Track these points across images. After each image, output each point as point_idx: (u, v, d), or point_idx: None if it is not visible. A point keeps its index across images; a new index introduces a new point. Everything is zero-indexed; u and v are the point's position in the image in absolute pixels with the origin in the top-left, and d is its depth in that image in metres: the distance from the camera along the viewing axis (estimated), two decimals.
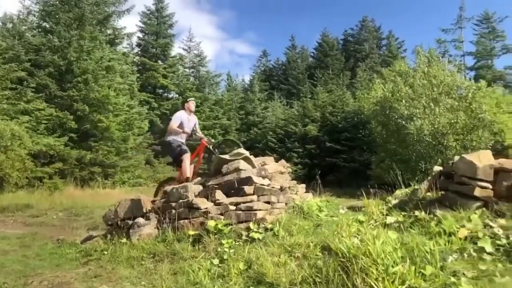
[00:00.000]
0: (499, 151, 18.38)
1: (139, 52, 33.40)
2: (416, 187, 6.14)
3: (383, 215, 5.37)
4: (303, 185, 8.05)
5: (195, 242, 5.21)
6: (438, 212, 4.94)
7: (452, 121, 16.71)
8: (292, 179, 8.01)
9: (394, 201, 6.08)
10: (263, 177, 6.48)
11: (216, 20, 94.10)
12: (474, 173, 5.22)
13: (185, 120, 7.85)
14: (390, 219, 5.11)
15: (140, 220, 6.06)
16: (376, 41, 48.00)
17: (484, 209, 4.98)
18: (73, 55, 18.31)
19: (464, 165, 5.37)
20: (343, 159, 27.28)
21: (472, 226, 4.40)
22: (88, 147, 18.38)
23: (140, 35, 33.30)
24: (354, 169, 26.22)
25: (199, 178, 6.93)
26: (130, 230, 5.95)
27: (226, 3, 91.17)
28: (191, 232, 5.36)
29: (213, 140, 8.42)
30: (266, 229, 5.31)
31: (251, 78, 46.11)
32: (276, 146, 29.30)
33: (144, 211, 6.26)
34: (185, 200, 5.90)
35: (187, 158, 7.52)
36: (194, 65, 36.44)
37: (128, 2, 27.08)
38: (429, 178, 5.93)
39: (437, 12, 71.83)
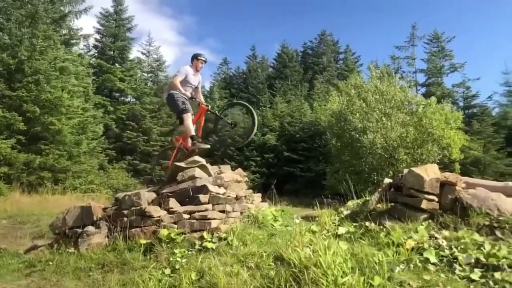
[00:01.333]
0: (446, 165, 19.37)
1: (96, 54, 32.45)
2: (367, 198, 6.33)
3: (335, 225, 5.48)
4: (259, 194, 8.08)
5: (147, 251, 5.08)
6: (388, 224, 5.12)
7: (403, 135, 17.47)
8: (250, 188, 8.03)
9: (346, 212, 6.22)
10: (219, 186, 6.45)
11: (177, 25, 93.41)
12: (422, 186, 5.45)
13: (191, 77, 7.20)
14: (341, 230, 5.23)
15: (90, 228, 5.85)
16: (334, 54, 49.31)
17: (430, 221, 5.20)
18: (24, 54, 17.46)
19: (412, 178, 5.60)
20: (300, 168, 27.72)
21: (418, 238, 4.58)
22: (38, 150, 17.51)
23: (98, 36, 32.40)
24: (310, 179, 26.68)
25: (152, 186, 6.81)
26: (79, 239, 5.72)
27: (187, 9, 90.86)
28: (143, 241, 5.23)
29: (209, 107, 7.46)
30: (220, 239, 5.27)
31: (211, 85, 46.01)
32: (235, 154, 29.29)
33: (95, 219, 6.05)
34: (138, 208, 5.76)
35: (188, 117, 6.94)
36: (153, 69, 35.90)
37: (85, 2, 26.21)
38: (379, 190, 6.13)
39: (392, 29, 75.03)
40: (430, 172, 5.71)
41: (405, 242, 4.42)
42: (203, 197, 5.86)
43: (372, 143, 17.21)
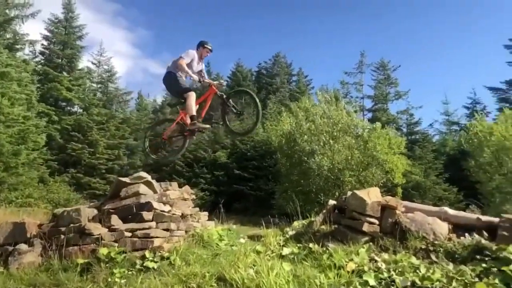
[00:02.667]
0: (389, 189, 20.18)
1: (42, 61, 31.02)
2: (312, 219, 6.43)
3: (280, 246, 5.51)
4: (206, 213, 7.98)
5: (84, 271, 4.84)
6: (331, 246, 5.22)
7: (349, 157, 18.08)
8: (198, 206, 7.92)
9: (291, 232, 6.28)
10: (164, 203, 6.31)
11: (131, 37, 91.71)
12: (364, 209, 5.62)
13: (195, 62, 6.80)
14: (286, 251, 5.26)
15: (22, 246, 5.49)
16: (287, 76, 50.31)
17: (371, 243, 5.36)
18: None
19: (355, 200, 5.77)
20: (249, 187, 27.72)
21: (359, 260, 4.70)
22: None
23: (45, 43, 31.02)
24: (260, 198, 26.75)
25: (96, 201, 6.52)
26: (9, 258, 5.35)
27: (143, 22, 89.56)
28: (80, 261, 4.97)
29: (224, 83, 7.19)
30: (162, 258, 5.13)
31: (164, 99, 45.33)
32: (184, 170, 28.85)
33: (28, 236, 5.69)
34: (77, 224, 5.50)
35: (192, 95, 6.58)
36: (103, 80, 34.85)
37: (33, 6, 25.07)
38: (324, 211, 6.27)
39: (343, 55, 78.13)
40: (372, 196, 5.91)
41: (346, 265, 4.51)
42: (146, 215, 5.70)
43: (319, 166, 17.64)
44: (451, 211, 5.89)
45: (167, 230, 5.81)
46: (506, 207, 17.01)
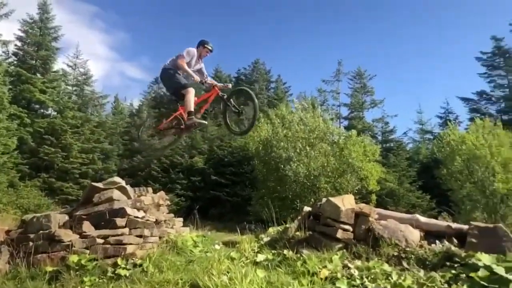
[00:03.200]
0: (364, 196, 20.46)
1: (15, 62, 30.18)
2: (287, 225, 6.45)
3: (254, 252, 5.51)
4: (181, 219, 7.92)
5: (52, 279, 4.71)
6: (305, 252, 5.25)
7: (324, 164, 18.27)
8: (173, 212, 7.85)
9: (266, 239, 6.28)
10: (138, 209, 6.22)
11: (109, 40, 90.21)
12: (338, 216, 5.69)
13: (194, 61, 6.71)
14: (260, 257, 5.26)
15: None
16: (266, 83, 50.56)
17: (344, 250, 5.43)
18: None
19: (329, 207, 5.83)
20: (226, 193, 27.61)
21: (333, 267, 4.74)
22: None
23: (19, 43, 30.23)
24: (236, 204, 26.65)
25: (68, 207, 6.38)
26: None
27: (121, 24, 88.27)
28: (49, 269, 4.85)
29: (230, 86, 7.05)
30: (135, 265, 5.05)
31: (141, 103, 44.79)
32: (160, 176, 28.51)
33: None
34: (46, 231, 5.36)
35: (191, 91, 6.47)
36: (79, 83, 34.21)
37: (7, 6, 24.47)
38: (299, 217, 6.31)
39: (321, 63, 79.06)
40: (346, 203, 5.99)
41: (319, 272, 4.54)
42: (120, 221, 5.60)
43: (295, 173, 17.76)
44: (422, 219, 6.02)
45: (140, 236, 5.73)
46: (475, 215, 17.48)
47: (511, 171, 17.44)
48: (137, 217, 5.88)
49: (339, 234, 5.51)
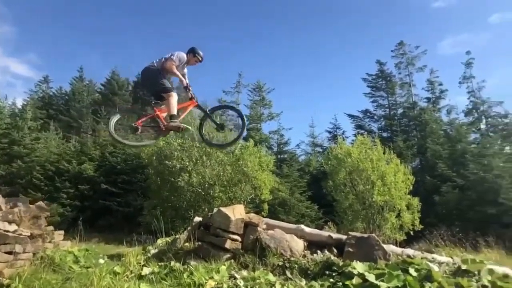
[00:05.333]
0: (257, 205, 21.00)
1: None
2: (176, 236, 6.33)
3: (140, 265, 5.29)
4: (61, 232, 7.30)
5: None
6: (192, 263, 5.19)
7: (220, 173, 18.42)
8: (57, 223, 7.21)
9: (154, 251, 6.10)
10: (10, 222, 5.61)
11: None
12: (228, 226, 5.75)
13: (181, 66, 6.43)
14: (146, 270, 5.07)
15: None
16: None
17: (232, 260, 5.49)
18: None
19: (219, 217, 5.87)
20: (117, 202, 26.14)
21: (219, 278, 4.76)
22: None
23: None
24: (128, 214, 25.33)
25: None
26: None
27: (9, 17, 79.16)
28: None
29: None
30: (1, 286, 4.50)
31: (25, 103, 40.68)
32: (43, 184, 25.88)
33: None
34: None
35: (175, 96, 6.20)
36: None
37: None
38: (189, 228, 6.23)
39: (221, 73, 79.97)
40: (237, 213, 6.08)
41: (206, 283, 4.53)
42: None
43: (188, 183, 17.62)
44: (307, 229, 6.35)
45: (10, 253, 5.14)
46: (357, 225, 19.03)
47: (387, 184, 19.32)
48: (7, 231, 5.28)
49: (228, 244, 5.56)
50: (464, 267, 5.02)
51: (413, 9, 76.04)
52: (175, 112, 6.34)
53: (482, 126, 37.62)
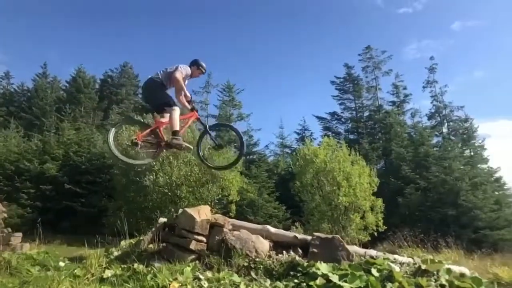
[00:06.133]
0: (225, 205, 20.96)
1: None
2: (141, 238, 6.23)
3: (102, 268, 5.18)
4: (20, 234, 7.05)
5: None
6: (156, 265, 5.12)
7: (188, 173, 18.25)
8: (16, 225, 6.95)
9: (117, 253, 5.98)
10: None
11: None
12: (193, 227, 5.70)
13: (186, 78, 6.33)
14: (108, 273, 4.97)
15: None
16: (134, 88, 48.63)
17: (197, 262, 5.45)
18: None
19: (184, 218, 5.82)
20: (81, 203, 25.43)
21: (183, 279, 4.71)
22: None
23: None
24: (92, 215, 24.66)
25: None
26: None
27: None
28: None
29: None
30: None
31: None
32: (1, 184, 24.79)
33: None
34: None
35: (178, 110, 6.00)
36: None
37: None
38: (153, 229, 6.14)
39: None
40: (202, 213, 6.04)
41: (169, 284, 4.48)
42: None
43: (155, 183, 17.36)
44: (272, 229, 6.39)
45: None
46: (323, 226, 19.29)
47: (352, 185, 19.71)
48: None
49: (193, 245, 5.52)
50: (423, 267, 5.17)
51: (380, 15, 77.88)
52: (177, 127, 6.19)
53: (444, 129, 39.02)
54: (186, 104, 6.51)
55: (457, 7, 76.81)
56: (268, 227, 6.39)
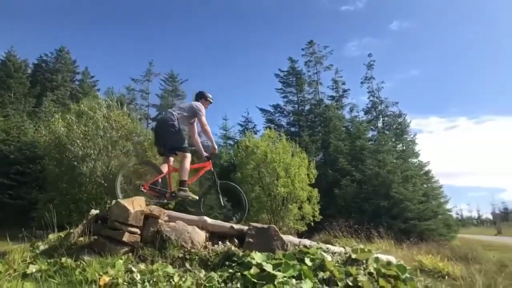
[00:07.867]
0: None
1: None
2: (70, 231, 5.94)
3: (26, 263, 4.89)
4: None
5: None
6: (86, 259, 4.92)
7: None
8: None
9: (43, 247, 5.67)
10: None
11: None
12: (126, 219, 5.53)
13: None
14: (32, 268, 4.70)
15: None
16: (71, 74, 46.11)
17: (130, 254, 5.31)
18: None
19: (117, 210, 5.62)
20: (9, 195, 23.86)
21: (115, 273, 4.57)
22: None
23: None
24: (21, 208, 23.25)
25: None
26: None
27: None
28: None
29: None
30: None
31: None
32: None
33: None
34: None
35: (189, 157, 6.12)
36: None
37: None
38: (84, 221, 5.88)
39: (131, 61, 76.63)
40: (136, 205, 5.88)
41: (99, 278, 4.33)
42: None
43: (92, 171, 16.63)
44: (209, 220, 6.37)
45: None
46: (262, 216, 19.60)
47: (291, 176, 20.18)
48: None
49: (126, 237, 5.36)
50: (354, 256, 5.40)
51: (324, 11, 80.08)
52: (186, 177, 6.25)
53: (379, 124, 41.03)
54: (202, 148, 6.43)
55: (396, 7, 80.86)
56: (205, 218, 6.35)
